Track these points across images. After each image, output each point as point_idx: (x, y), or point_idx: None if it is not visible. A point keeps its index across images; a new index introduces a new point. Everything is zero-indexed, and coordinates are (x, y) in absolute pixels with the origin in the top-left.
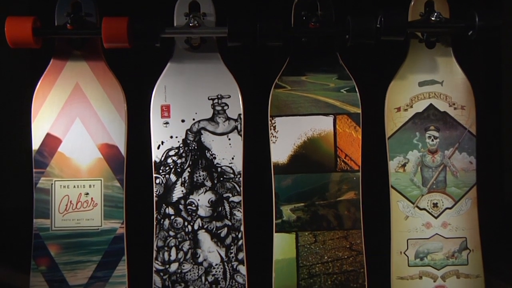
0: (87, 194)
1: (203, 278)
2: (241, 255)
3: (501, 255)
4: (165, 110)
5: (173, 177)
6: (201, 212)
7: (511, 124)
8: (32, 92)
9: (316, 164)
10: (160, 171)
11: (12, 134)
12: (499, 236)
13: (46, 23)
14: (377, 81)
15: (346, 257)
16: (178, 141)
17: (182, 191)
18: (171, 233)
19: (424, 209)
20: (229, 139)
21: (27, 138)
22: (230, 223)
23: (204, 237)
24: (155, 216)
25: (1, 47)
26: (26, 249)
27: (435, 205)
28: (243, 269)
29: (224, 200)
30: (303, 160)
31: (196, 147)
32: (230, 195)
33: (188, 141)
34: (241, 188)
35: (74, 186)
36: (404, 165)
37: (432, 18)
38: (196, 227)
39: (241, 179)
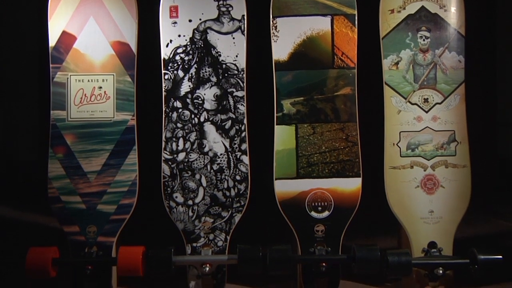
0: (101, 87)
1: (208, 166)
2: (244, 146)
3: (489, 147)
4: (174, 11)
5: (180, 73)
6: (207, 105)
7: (503, 26)
8: None
9: (314, 61)
10: (169, 67)
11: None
12: (486, 131)
13: None
14: None
15: (342, 147)
16: (186, 40)
17: (189, 86)
18: (179, 125)
19: (416, 104)
20: (233, 38)
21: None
22: (234, 116)
23: (209, 129)
24: (164, 109)
25: None
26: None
27: (426, 100)
28: (246, 159)
29: (229, 95)
30: (302, 58)
31: (202, 45)
32: (234, 90)
33: (195, 40)
34: (244, 84)
35: (88, 80)
36: (397, 63)
37: None
38: (202, 119)
39: (244, 75)
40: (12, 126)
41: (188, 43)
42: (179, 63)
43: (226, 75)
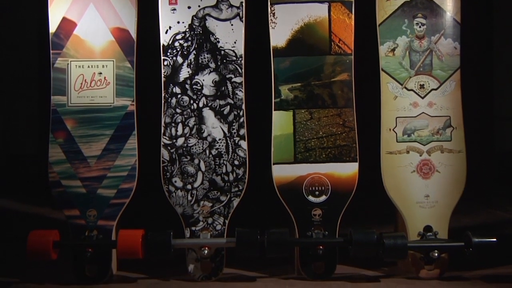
0: (101, 73)
1: (207, 151)
2: (243, 131)
3: (484, 132)
4: None
5: (180, 59)
6: (206, 91)
7: (499, 13)
8: None
9: (312, 48)
10: (168, 53)
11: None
12: (482, 117)
13: None
14: None
15: (339, 133)
16: (185, 26)
17: (188, 72)
18: (178, 110)
19: (412, 90)
20: (232, 24)
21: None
22: (232, 102)
23: (208, 114)
24: (163, 94)
25: None
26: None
27: (422, 86)
28: (244, 144)
29: (227, 81)
30: (300, 44)
31: (201, 32)
32: (233, 76)
33: (194, 26)
34: (243, 70)
35: (89, 66)
36: (393, 50)
37: None
38: (201, 105)
39: (242, 61)
40: (13, 113)
41: (187, 30)
42: (178, 49)
43: (224, 61)
